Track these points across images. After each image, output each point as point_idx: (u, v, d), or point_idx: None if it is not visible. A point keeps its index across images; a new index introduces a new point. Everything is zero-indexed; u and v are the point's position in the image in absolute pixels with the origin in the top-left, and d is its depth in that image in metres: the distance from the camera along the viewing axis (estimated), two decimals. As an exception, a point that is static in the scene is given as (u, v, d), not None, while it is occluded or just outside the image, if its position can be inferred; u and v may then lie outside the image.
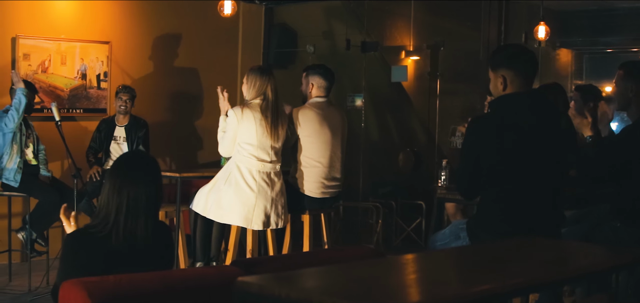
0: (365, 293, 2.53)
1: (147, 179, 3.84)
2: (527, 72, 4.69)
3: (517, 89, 4.65)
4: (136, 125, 8.44)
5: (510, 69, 4.67)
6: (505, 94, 4.67)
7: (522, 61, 4.72)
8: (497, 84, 4.70)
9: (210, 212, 6.57)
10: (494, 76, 4.73)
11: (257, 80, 6.53)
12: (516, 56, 4.77)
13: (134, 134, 8.39)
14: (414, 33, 10.74)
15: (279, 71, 10.66)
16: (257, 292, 2.42)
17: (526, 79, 4.68)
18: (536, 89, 4.76)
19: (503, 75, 4.67)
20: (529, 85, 4.71)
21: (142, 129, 8.45)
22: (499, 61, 4.74)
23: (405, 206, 10.40)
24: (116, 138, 8.41)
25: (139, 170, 3.86)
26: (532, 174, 4.61)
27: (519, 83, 4.67)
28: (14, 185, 7.49)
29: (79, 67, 8.93)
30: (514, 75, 4.66)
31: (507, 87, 4.67)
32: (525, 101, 4.65)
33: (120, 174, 3.83)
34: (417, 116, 11.33)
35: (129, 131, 8.40)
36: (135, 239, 3.78)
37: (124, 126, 8.42)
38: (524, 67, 4.69)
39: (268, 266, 3.82)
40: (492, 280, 3.06)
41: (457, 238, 4.87)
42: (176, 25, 9.85)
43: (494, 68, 4.74)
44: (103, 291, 3.23)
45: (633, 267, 4.08)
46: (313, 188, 6.98)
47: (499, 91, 4.70)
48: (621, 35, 11.20)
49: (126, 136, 8.38)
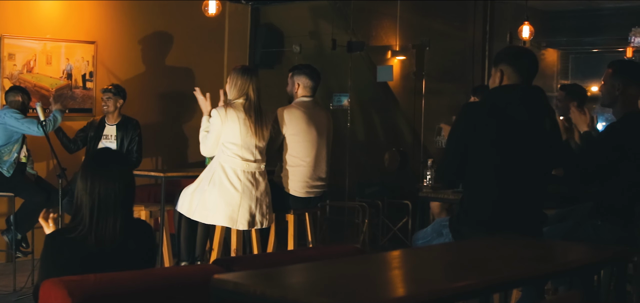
0: (340, 289, 2.54)
1: (116, 176, 3.82)
2: (525, 70, 4.75)
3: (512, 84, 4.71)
4: (128, 125, 8.39)
5: (510, 65, 4.75)
6: (500, 85, 4.73)
7: (522, 59, 4.81)
8: (496, 78, 4.78)
9: (195, 213, 6.56)
10: (494, 71, 4.83)
11: (238, 80, 6.54)
12: (518, 54, 4.90)
13: (126, 134, 8.33)
14: (400, 33, 10.75)
15: (265, 71, 10.68)
16: (232, 289, 2.42)
17: (523, 77, 4.74)
18: (532, 85, 4.80)
19: (502, 69, 4.75)
20: (526, 83, 4.76)
21: (136, 130, 8.41)
22: (501, 57, 4.86)
23: (391, 206, 10.41)
24: (106, 136, 8.36)
25: (108, 168, 3.84)
26: (517, 169, 4.64)
27: (515, 79, 4.73)
28: (6, 175, 7.55)
29: (64, 67, 8.91)
30: (512, 71, 4.73)
31: (504, 82, 4.73)
32: (519, 94, 4.70)
33: (90, 174, 3.81)
34: (403, 116, 11.34)
35: (119, 129, 8.35)
36: (108, 238, 3.77)
37: (115, 125, 8.37)
38: (523, 65, 4.77)
39: (250, 264, 3.82)
40: (473, 276, 3.08)
41: (440, 235, 4.89)
42: (162, 25, 9.84)
43: (495, 64, 4.85)
44: (83, 290, 3.22)
45: (613, 264, 4.10)
46: (298, 187, 6.99)
47: (496, 84, 4.77)
48: (607, 35, 11.23)
49: (116, 134, 8.33)
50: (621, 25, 10.51)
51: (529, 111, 4.70)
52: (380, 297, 2.54)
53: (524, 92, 4.74)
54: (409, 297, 2.62)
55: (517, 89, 4.72)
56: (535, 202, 4.77)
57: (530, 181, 4.71)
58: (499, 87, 4.76)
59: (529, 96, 4.75)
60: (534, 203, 4.76)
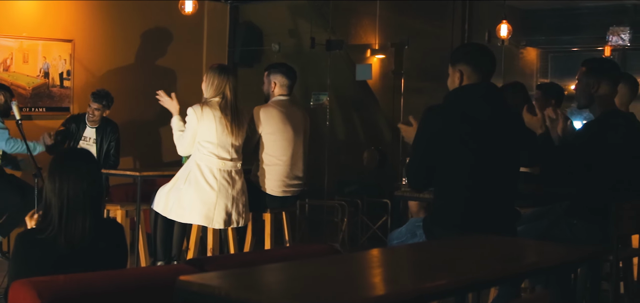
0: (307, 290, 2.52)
1: (84, 175, 3.81)
2: (484, 69, 4.72)
3: (473, 83, 4.69)
4: (107, 128, 8.36)
5: (468, 65, 4.70)
6: (461, 86, 4.70)
7: (480, 57, 4.75)
8: (455, 79, 4.73)
9: (171, 212, 6.54)
10: (452, 72, 4.78)
11: (215, 78, 6.52)
12: (475, 52, 4.82)
13: (105, 136, 8.30)
14: (379, 31, 10.74)
15: (245, 70, 10.66)
16: (198, 291, 2.40)
17: (483, 75, 4.71)
18: (491, 83, 4.77)
19: (461, 69, 4.71)
20: (486, 81, 4.73)
21: (115, 133, 8.39)
22: (458, 57, 4.80)
23: (370, 205, 10.40)
24: (86, 139, 8.32)
25: (76, 167, 3.82)
26: (487, 168, 4.62)
27: (475, 78, 4.70)
28: None
29: (41, 66, 8.86)
30: (472, 70, 4.69)
31: (464, 82, 4.70)
32: (481, 93, 4.68)
33: (57, 174, 3.80)
34: (382, 114, 11.34)
35: (98, 132, 8.31)
36: (78, 237, 3.74)
37: (95, 128, 8.33)
38: (481, 63, 4.72)
39: (223, 264, 3.80)
40: (447, 276, 3.07)
41: (414, 235, 4.88)
42: (140, 24, 9.80)
43: (453, 64, 4.78)
44: (53, 291, 3.19)
45: (589, 263, 4.11)
46: (274, 186, 6.97)
47: (456, 85, 4.73)
48: (585, 34, 11.26)
49: (95, 138, 8.30)
50: (599, 24, 10.54)
51: (493, 108, 4.68)
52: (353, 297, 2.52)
53: (486, 90, 4.72)
54: (383, 297, 2.60)
55: (479, 88, 4.70)
56: (506, 200, 4.75)
57: (500, 179, 4.69)
58: (460, 88, 4.71)
59: (491, 94, 4.74)
60: (505, 201, 4.75)
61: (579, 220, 5.19)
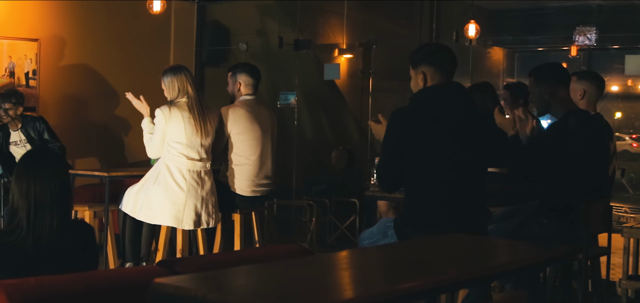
0: (284, 291, 2.51)
1: (50, 175, 3.78)
2: (447, 69, 4.73)
3: (437, 84, 4.69)
4: (32, 122, 8.05)
5: (431, 66, 4.70)
6: (427, 87, 4.70)
7: (442, 57, 4.75)
8: (418, 81, 4.73)
9: (140, 213, 6.50)
10: (414, 74, 4.77)
11: (174, 80, 6.50)
12: (436, 52, 4.81)
13: (33, 130, 8.02)
14: (346, 31, 10.74)
15: (212, 69, 10.62)
16: (173, 294, 2.38)
17: (446, 75, 4.72)
18: (457, 83, 4.79)
19: (423, 71, 4.71)
20: (449, 81, 4.74)
21: (43, 122, 8.07)
22: (419, 58, 4.77)
23: (339, 204, 10.40)
24: (15, 142, 8.06)
25: (41, 167, 3.79)
26: (457, 168, 4.63)
27: (439, 79, 4.70)
28: None
29: (7, 65, 8.78)
30: (435, 71, 4.70)
31: (428, 84, 4.70)
32: (448, 94, 4.68)
33: (24, 175, 3.77)
34: (350, 114, 11.35)
35: (25, 131, 8.09)
36: (45, 236, 3.71)
37: (19, 129, 8.05)
38: (444, 63, 4.73)
39: (194, 265, 3.77)
40: (418, 277, 3.07)
41: (385, 236, 4.87)
42: (107, 23, 9.74)
43: (414, 66, 4.77)
44: (23, 293, 3.15)
45: (559, 262, 4.13)
46: (244, 186, 6.95)
47: (420, 87, 4.73)
48: (552, 34, 11.34)
49: (26, 138, 8.06)
50: (566, 24, 10.63)
51: (461, 109, 4.69)
52: (325, 299, 2.50)
53: (451, 91, 4.73)
54: (354, 299, 2.59)
55: (444, 89, 4.70)
56: (476, 200, 4.76)
57: (470, 179, 4.69)
58: (424, 89, 4.71)
59: (459, 94, 4.75)
60: (476, 201, 4.76)
61: (549, 220, 5.22)
